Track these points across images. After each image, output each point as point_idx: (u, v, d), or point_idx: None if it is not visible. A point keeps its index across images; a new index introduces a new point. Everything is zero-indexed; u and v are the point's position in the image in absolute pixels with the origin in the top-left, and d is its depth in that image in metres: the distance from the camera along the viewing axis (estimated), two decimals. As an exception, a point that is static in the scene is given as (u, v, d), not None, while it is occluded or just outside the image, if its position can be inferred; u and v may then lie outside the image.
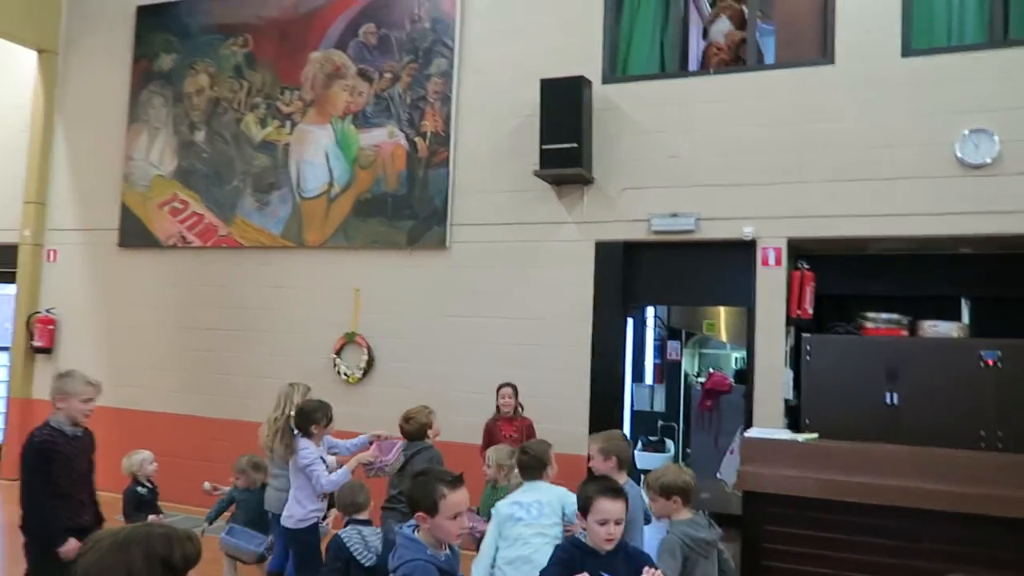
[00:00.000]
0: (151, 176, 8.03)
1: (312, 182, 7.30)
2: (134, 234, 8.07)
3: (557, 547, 3.00)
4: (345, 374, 7.01)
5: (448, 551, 2.76)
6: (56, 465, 3.76)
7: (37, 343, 8.42)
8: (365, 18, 7.21)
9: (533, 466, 3.81)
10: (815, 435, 4.93)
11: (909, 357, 5.58)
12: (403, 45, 7.04)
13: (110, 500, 5.02)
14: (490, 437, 5.36)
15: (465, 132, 6.82)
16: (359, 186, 7.10)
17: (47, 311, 8.47)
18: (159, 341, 7.92)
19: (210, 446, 7.28)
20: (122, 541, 1.57)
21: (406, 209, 6.91)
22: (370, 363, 6.98)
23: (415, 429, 4.78)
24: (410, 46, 7.02)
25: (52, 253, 8.61)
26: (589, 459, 3.97)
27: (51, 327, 8.43)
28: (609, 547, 2.85)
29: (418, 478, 2.85)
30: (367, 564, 3.56)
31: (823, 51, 5.87)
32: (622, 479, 3.81)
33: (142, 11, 8.23)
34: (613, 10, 6.46)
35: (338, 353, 7.09)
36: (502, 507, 3.62)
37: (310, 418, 4.47)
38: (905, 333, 5.90)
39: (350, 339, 7.05)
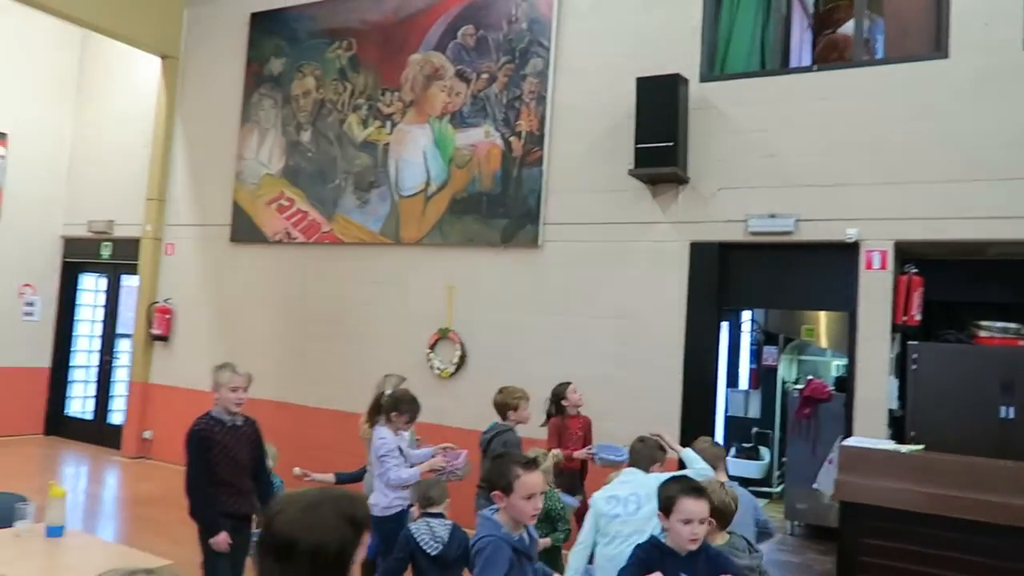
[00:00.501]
0: (260, 174, 8.45)
1: (410, 181, 7.51)
2: (244, 230, 8.51)
3: (636, 547, 2.98)
4: (438, 368, 7.17)
5: (525, 533, 2.82)
6: (214, 453, 3.91)
7: (155, 331, 9.00)
8: (463, 20, 7.35)
9: (646, 455, 3.84)
10: (920, 447, 4.70)
11: (1027, 369, 5.24)
12: (500, 46, 7.14)
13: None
14: (559, 435, 5.37)
15: (559, 131, 6.85)
16: (455, 185, 7.25)
17: (165, 301, 9.04)
18: (265, 331, 8.32)
19: (306, 433, 7.60)
20: (313, 502, 1.67)
21: (500, 208, 7.01)
22: (462, 358, 7.11)
23: (499, 402, 4.97)
24: (507, 47, 7.11)
25: (170, 247, 9.18)
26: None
27: (168, 316, 8.99)
28: (693, 547, 2.82)
29: (496, 460, 2.94)
30: (433, 553, 3.65)
31: (936, 45, 5.59)
32: (722, 478, 3.78)
33: (255, 17, 8.67)
34: (712, 8, 6.35)
35: (432, 348, 7.25)
36: (599, 501, 3.62)
37: (396, 406, 4.59)
38: (1023, 343, 5.54)
39: (443, 334, 7.21)
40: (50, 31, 9.76)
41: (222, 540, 3.80)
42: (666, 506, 2.88)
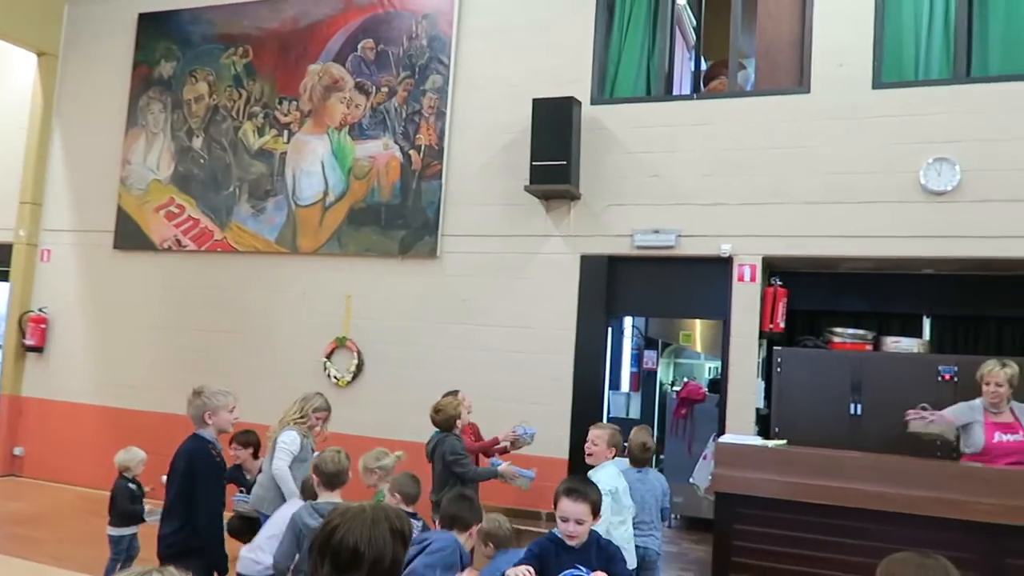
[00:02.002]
0: (148, 180, 8.22)
1: (308, 190, 7.54)
2: (129, 236, 8.25)
3: (533, 542, 3.22)
4: (335, 377, 7.24)
5: None
6: (221, 482, 3.78)
7: (28, 342, 8.55)
8: (364, 33, 7.47)
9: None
10: (784, 441, 5.25)
11: (872, 370, 5.94)
12: (400, 61, 7.32)
13: (98, 496, 5.21)
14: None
15: (458, 146, 7.10)
16: (353, 195, 7.35)
17: (39, 310, 8.61)
18: (152, 342, 8.09)
19: (201, 444, 7.46)
20: (372, 517, 1.86)
21: (399, 219, 7.17)
22: (360, 367, 7.21)
23: (443, 420, 5.10)
24: (407, 62, 7.29)
25: (46, 253, 8.75)
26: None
27: (43, 326, 8.56)
28: (571, 543, 3.06)
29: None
30: None
31: (800, 80, 6.23)
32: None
33: (144, 18, 8.43)
34: (603, 36, 6.79)
35: (329, 357, 7.31)
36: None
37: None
38: (870, 348, 6.26)
39: (341, 343, 7.28)
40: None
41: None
42: (554, 501, 3.15)
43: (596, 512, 3.13)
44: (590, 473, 4.31)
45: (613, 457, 4.50)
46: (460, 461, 4.98)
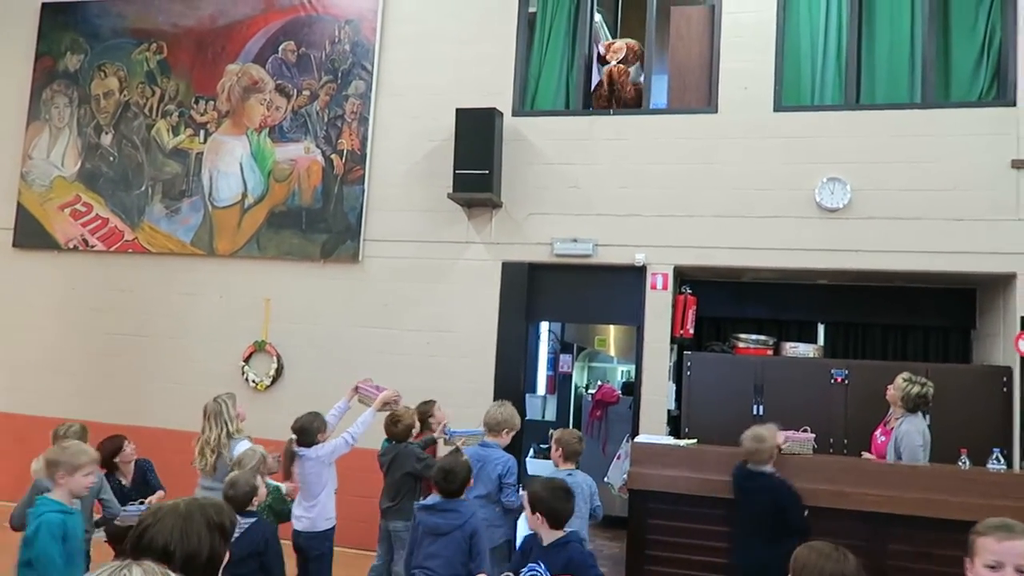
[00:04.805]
0: (52, 176, 7.89)
1: (225, 192, 7.42)
2: (31, 235, 7.89)
3: (527, 536, 3.44)
4: (254, 381, 7.16)
5: None
6: None
7: (-85, 344, 8.04)
8: (285, 36, 7.43)
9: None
10: (694, 440, 5.58)
11: (773, 374, 6.38)
12: (322, 65, 7.31)
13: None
14: None
15: (381, 152, 7.16)
16: (274, 198, 7.29)
17: (-72, 311, 8.11)
18: (56, 344, 7.76)
19: (110, 451, 7.22)
20: (185, 512, 1.83)
21: (320, 223, 7.16)
22: (279, 371, 7.16)
23: (402, 431, 5.10)
24: (329, 67, 7.29)
25: (-65, 250, 8.25)
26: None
27: (-68, 328, 8.07)
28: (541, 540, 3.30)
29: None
30: None
31: (709, 101, 6.62)
32: (569, 466, 4.68)
33: (47, 8, 8.09)
34: (524, 49, 7.00)
35: (247, 361, 7.23)
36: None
37: (313, 430, 4.77)
38: (770, 352, 6.70)
39: (260, 347, 7.21)
40: None
41: None
42: None
43: (551, 520, 3.28)
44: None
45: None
46: (429, 463, 4.97)
